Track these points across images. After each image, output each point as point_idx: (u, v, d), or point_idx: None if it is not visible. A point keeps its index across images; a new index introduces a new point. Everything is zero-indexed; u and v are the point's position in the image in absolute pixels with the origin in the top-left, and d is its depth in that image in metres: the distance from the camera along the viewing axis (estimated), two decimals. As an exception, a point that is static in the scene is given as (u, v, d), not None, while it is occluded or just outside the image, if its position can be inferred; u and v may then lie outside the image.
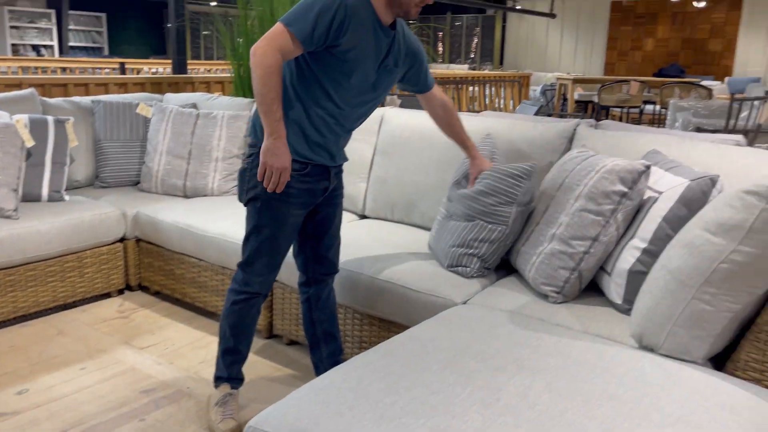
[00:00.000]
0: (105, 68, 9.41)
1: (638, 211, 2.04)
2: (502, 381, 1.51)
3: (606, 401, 1.44)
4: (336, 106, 2.00)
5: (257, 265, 2.09)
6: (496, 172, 2.28)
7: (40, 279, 2.90)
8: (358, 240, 2.63)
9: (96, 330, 2.87)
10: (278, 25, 1.89)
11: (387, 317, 2.34)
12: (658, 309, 1.70)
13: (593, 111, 9.37)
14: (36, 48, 13.94)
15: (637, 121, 9.30)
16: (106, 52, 15.56)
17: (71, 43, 14.87)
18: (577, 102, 9.60)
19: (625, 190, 1.99)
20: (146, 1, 16.03)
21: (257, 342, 2.78)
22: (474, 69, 16.32)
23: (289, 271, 2.57)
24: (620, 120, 9.46)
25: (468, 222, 2.30)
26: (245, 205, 2.09)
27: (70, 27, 14.79)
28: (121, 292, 3.28)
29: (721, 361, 1.76)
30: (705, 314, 1.63)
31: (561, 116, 7.69)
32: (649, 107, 9.41)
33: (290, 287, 2.64)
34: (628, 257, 1.99)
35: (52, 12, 14.00)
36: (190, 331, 2.88)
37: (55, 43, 14.16)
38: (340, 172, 2.19)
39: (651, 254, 1.93)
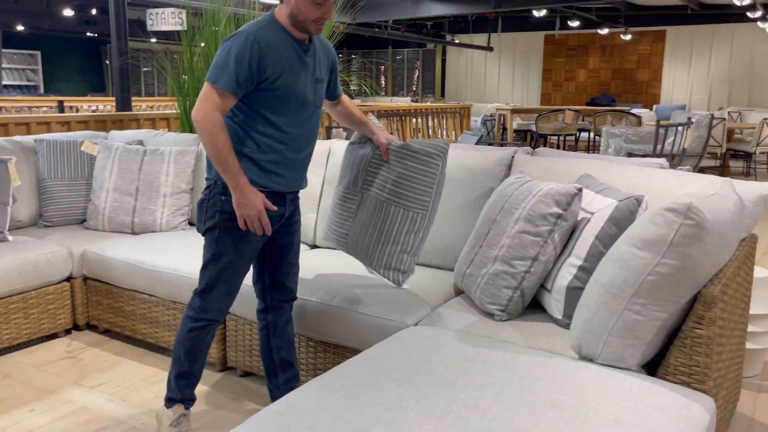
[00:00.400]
0: (42, 107, 9.23)
1: (573, 230, 2.18)
2: (452, 394, 1.59)
3: (549, 408, 1.54)
4: (282, 131, 2.10)
5: (216, 293, 2.15)
6: (408, 150, 2.31)
7: (-17, 322, 2.84)
8: (311, 268, 2.69)
9: (44, 371, 2.82)
10: (206, 86, 1.99)
11: (340, 342, 2.40)
12: (594, 321, 1.82)
13: (532, 139, 9.73)
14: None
15: (574, 148, 9.70)
16: (41, 90, 15.23)
17: (5, 82, 14.51)
18: (516, 131, 9.95)
19: (560, 211, 2.13)
20: (83, 39, 15.81)
21: (212, 374, 2.78)
22: (416, 101, 16.69)
23: (242, 303, 2.61)
24: (557, 147, 9.85)
25: (386, 212, 2.30)
26: (203, 234, 2.15)
27: (4, 65, 14.44)
28: (68, 332, 3.23)
29: (653, 366, 1.89)
30: (636, 324, 1.76)
31: (501, 145, 7.96)
32: (584, 135, 9.83)
33: (243, 319, 2.67)
34: (565, 274, 2.12)
35: (-15, 49, 13.66)
36: (142, 367, 2.86)
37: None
38: (296, 198, 2.27)
39: (586, 271, 2.07)
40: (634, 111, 11.58)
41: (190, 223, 3.56)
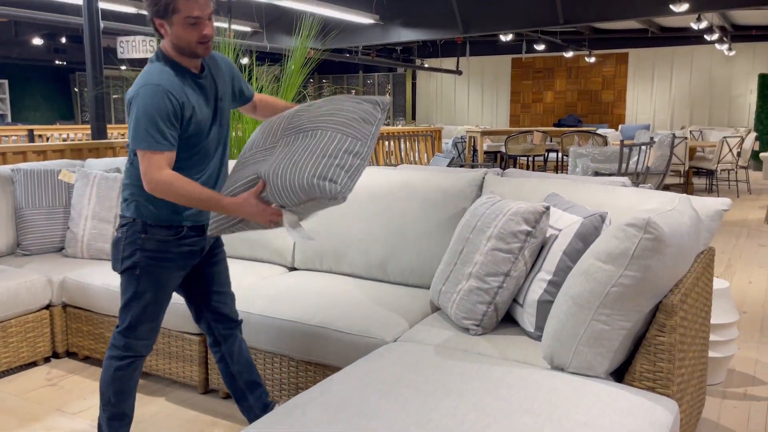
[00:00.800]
0: (12, 135, 9.17)
1: (542, 247, 2.30)
2: (432, 404, 1.67)
3: (524, 414, 1.63)
4: (197, 162, 2.11)
5: (140, 330, 2.16)
6: (347, 98, 2.13)
7: (-37, 351, 2.84)
8: (290, 290, 2.75)
9: (25, 399, 2.82)
10: (143, 154, 1.97)
11: (322, 361, 2.46)
12: (564, 331, 1.92)
13: (502, 160, 9.93)
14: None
15: (543, 168, 9.93)
16: (9, 119, 15.07)
17: (-28, 111, 14.34)
18: (486, 153, 10.15)
19: (530, 229, 2.24)
20: (51, 67, 15.73)
21: (195, 396, 2.82)
22: (387, 124, 16.90)
23: (224, 324, 2.66)
24: (527, 167, 10.07)
25: (319, 135, 2.01)
26: (121, 273, 2.15)
27: (-29, 94, 14.29)
28: (47, 359, 3.23)
29: (621, 373, 2.00)
30: (603, 333, 1.87)
31: (472, 166, 8.13)
32: (552, 155, 10.07)
33: (225, 341, 2.72)
34: (536, 289, 2.22)
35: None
36: (124, 392, 2.88)
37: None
38: None
39: (556, 285, 2.17)
40: (600, 131, 11.91)
41: (169, 249, 3.60)
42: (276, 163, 2.00)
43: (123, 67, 14.81)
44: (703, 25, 9.72)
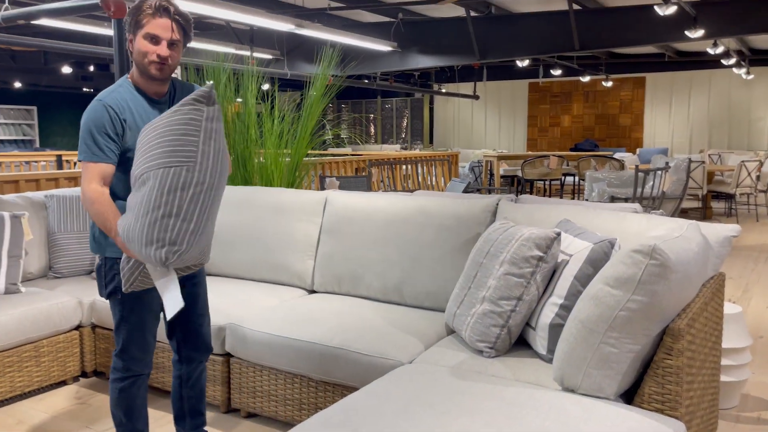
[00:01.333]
0: (41, 161, 9.45)
1: (554, 272, 2.37)
2: (446, 422, 1.75)
3: (534, 433, 1.70)
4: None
5: (133, 350, 2.24)
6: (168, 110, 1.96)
7: (-3, 370, 2.97)
8: (310, 313, 2.85)
9: (55, 417, 2.93)
10: (81, 165, 2.08)
11: (341, 382, 2.55)
12: (574, 354, 1.99)
13: (518, 184, 10.00)
14: (-37, 142, 13.76)
15: (559, 192, 9.98)
16: (37, 144, 15.47)
17: (1, 137, 14.75)
18: (503, 177, 10.23)
19: (541, 254, 2.32)
20: (79, 94, 16.15)
21: (217, 416, 2.91)
22: (405, 148, 17.06)
23: (247, 346, 2.76)
24: (544, 191, 10.13)
25: (145, 182, 1.90)
26: (107, 298, 2.23)
27: (0, 121, 14.71)
28: (77, 379, 3.35)
29: (630, 395, 2.06)
30: (612, 356, 1.94)
31: (489, 191, 8.21)
32: (569, 179, 10.12)
33: (247, 362, 2.81)
34: (548, 313, 2.30)
35: (-19, 107, 13.95)
36: (151, 411, 2.98)
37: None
38: None
39: (567, 309, 2.24)
40: (618, 155, 11.94)
41: (193, 272, 3.72)
42: (122, 227, 1.95)
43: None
44: (720, 50, 9.77)
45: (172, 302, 1.94)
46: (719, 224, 2.56)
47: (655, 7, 6.82)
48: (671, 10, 6.72)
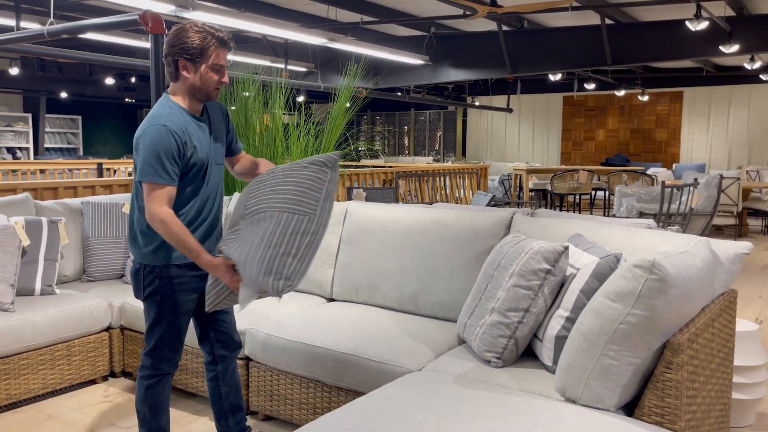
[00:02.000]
0: (83, 169, 9.79)
1: (562, 285, 2.42)
2: (444, 427, 1.81)
3: (529, 440, 1.76)
4: (199, 199, 2.34)
5: (164, 350, 2.39)
6: (296, 164, 2.23)
7: (32, 367, 3.13)
8: (327, 320, 2.94)
9: (84, 414, 3.08)
10: (146, 186, 2.20)
11: (353, 387, 2.62)
12: (575, 366, 2.04)
13: (548, 198, 9.97)
14: (11, 150, 14.30)
15: (589, 207, 9.91)
16: (80, 152, 16.00)
17: (47, 145, 15.30)
18: (533, 190, 10.21)
19: (549, 267, 2.37)
20: (121, 104, 16.67)
21: (235, 419, 3.01)
22: (438, 161, 17.11)
23: (265, 350, 2.86)
24: (573, 206, 10.07)
25: (269, 220, 2.15)
26: (143, 300, 2.38)
27: (46, 129, 15.26)
28: (105, 378, 3.50)
29: (632, 408, 2.09)
30: (612, 368, 1.98)
31: (518, 204, 8.21)
32: (600, 193, 10.05)
33: (265, 366, 2.92)
34: (554, 325, 2.34)
35: (29, 116, 14.49)
36: (173, 411, 3.11)
37: (30, 145, 14.57)
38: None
39: (572, 321, 2.29)
40: (654, 170, 11.80)
41: (219, 279, 3.85)
42: (238, 252, 2.19)
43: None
44: (757, 65, 9.62)
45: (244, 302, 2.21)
46: (731, 241, 2.57)
47: (687, 23, 6.79)
48: (703, 25, 6.67)
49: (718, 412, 2.40)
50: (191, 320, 2.52)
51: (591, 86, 13.20)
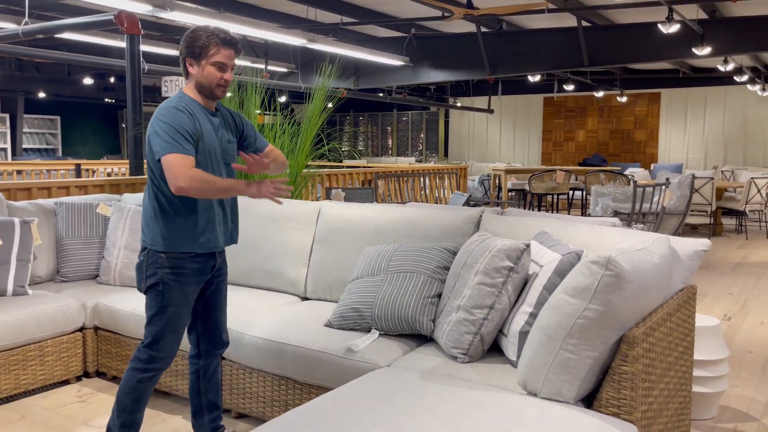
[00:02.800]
0: (61, 170, 9.72)
1: (526, 281, 2.48)
2: (406, 420, 1.86)
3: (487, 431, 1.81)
4: None
5: (163, 343, 2.42)
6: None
7: (3, 367, 3.13)
8: (298, 318, 2.97)
9: (56, 414, 3.09)
10: (168, 157, 2.25)
11: (323, 384, 2.66)
12: (535, 360, 2.09)
13: (526, 198, 10.07)
14: (-10, 150, 14.16)
15: (567, 207, 10.02)
16: (59, 153, 15.87)
17: (25, 146, 15.16)
18: (512, 191, 10.30)
19: (512, 264, 2.43)
20: (100, 104, 16.55)
21: (208, 417, 3.03)
22: (420, 161, 17.18)
23: (238, 349, 2.89)
24: (552, 205, 10.18)
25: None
26: (145, 293, 2.43)
27: (25, 130, 15.12)
28: (79, 378, 3.50)
29: (591, 400, 2.15)
30: (570, 362, 2.03)
31: (497, 204, 8.29)
32: (578, 193, 10.16)
33: (238, 364, 2.95)
34: (519, 320, 2.40)
35: (6, 116, 14.35)
36: (146, 410, 3.12)
37: (8, 145, 14.44)
38: (223, 252, 2.60)
39: (536, 317, 2.34)
40: (631, 170, 11.95)
41: (194, 278, 3.87)
42: (382, 293, 2.71)
43: (167, 105, 15.53)
44: (731, 67, 9.79)
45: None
46: (690, 239, 2.64)
47: (659, 25, 6.91)
48: (674, 28, 6.80)
49: (678, 404, 2.47)
50: None
51: (570, 87, 13.35)
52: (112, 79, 14.32)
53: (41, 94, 14.11)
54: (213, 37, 2.38)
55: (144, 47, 5.99)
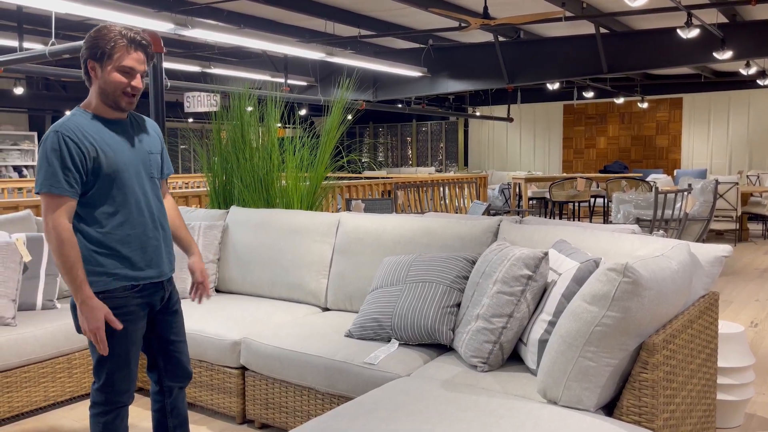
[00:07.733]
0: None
1: (545, 290, 2.48)
2: (427, 430, 1.87)
3: (508, 440, 1.81)
4: (127, 213, 2.15)
5: (117, 383, 2.18)
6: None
7: (33, 380, 3.20)
8: (319, 329, 3.00)
9: (84, 426, 3.14)
10: (42, 197, 2.03)
11: (344, 394, 2.69)
12: (555, 367, 2.09)
13: (547, 206, 10.02)
14: (17, 168, 14.46)
15: (589, 214, 9.96)
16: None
17: (52, 162, 15.45)
18: (532, 199, 10.26)
19: (530, 273, 2.44)
20: (126, 120, 16.82)
21: (233, 427, 3.07)
22: (440, 171, 17.20)
23: (259, 359, 2.93)
24: (573, 213, 10.12)
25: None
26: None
27: (52, 147, 15.42)
28: (106, 390, 3.56)
29: (612, 408, 2.14)
30: (590, 369, 2.04)
31: (517, 213, 8.27)
32: (599, 201, 10.10)
33: (260, 374, 2.98)
34: (538, 329, 2.40)
35: (35, 134, 14.67)
36: None
37: (36, 163, 14.73)
38: (171, 278, 2.35)
39: (555, 325, 2.35)
40: (654, 176, 11.84)
41: (217, 290, 3.92)
42: (402, 303, 2.75)
43: (190, 120, 15.73)
44: (753, 70, 9.69)
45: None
46: (711, 245, 2.63)
47: (678, 31, 6.87)
48: (694, 32, 6.75)
49: (702, 412, 2.45)
50: (143, 349, 2.35)
51: (590, 94, 13.29)
52: (135, 96, 14.57)
53: (68, 113, 14.41)
54: (120, 37, 2.09)
55: (166, 64, 6.11)
